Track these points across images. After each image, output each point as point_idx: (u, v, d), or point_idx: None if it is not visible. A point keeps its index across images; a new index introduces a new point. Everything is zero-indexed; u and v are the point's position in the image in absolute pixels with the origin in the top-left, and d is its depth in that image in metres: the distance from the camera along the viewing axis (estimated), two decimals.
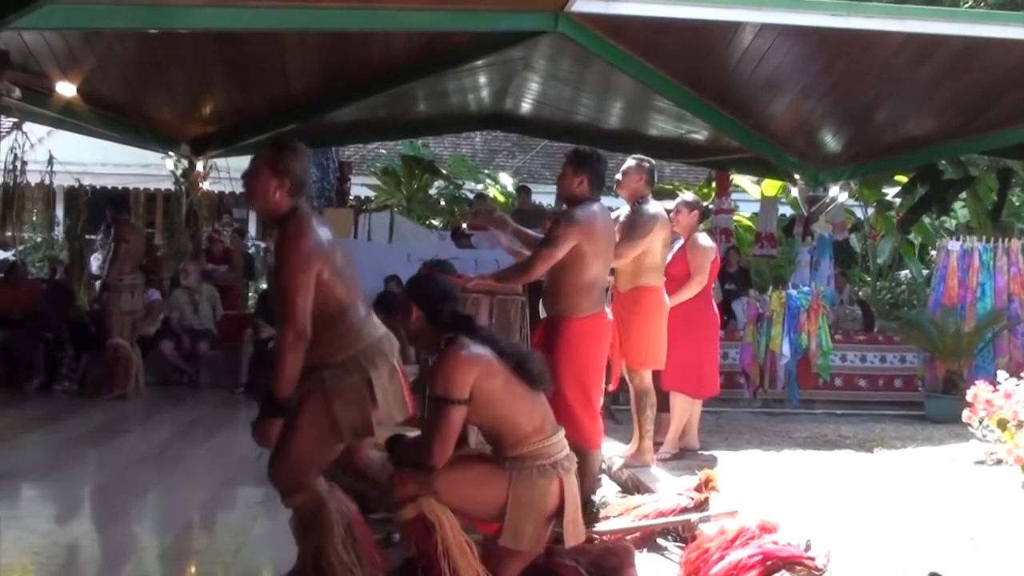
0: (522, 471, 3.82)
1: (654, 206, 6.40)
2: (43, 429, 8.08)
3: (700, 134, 12.31)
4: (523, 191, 14.85)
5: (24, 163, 10.40)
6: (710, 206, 13.59)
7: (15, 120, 7.57)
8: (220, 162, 13.26)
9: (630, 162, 6.47)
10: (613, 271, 6.15)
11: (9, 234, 12.66)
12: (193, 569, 4.70)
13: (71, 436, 7.33)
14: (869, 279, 16.39)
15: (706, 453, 6.98)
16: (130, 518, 5.47)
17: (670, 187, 16.38)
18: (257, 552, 5.02)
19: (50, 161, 8.66)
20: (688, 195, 8.19)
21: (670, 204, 7.07)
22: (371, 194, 17.92)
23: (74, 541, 5.08)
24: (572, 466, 3.96)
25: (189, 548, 5.02)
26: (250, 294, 14.57)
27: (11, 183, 10.66)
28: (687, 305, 6.71)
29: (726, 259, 11.31)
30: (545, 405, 4.01)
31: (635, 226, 6.23)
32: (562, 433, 4.00)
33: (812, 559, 3.94)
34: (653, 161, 6.57)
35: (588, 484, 5.45)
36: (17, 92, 6.90)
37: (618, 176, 6.46)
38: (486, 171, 18.96)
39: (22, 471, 6.56)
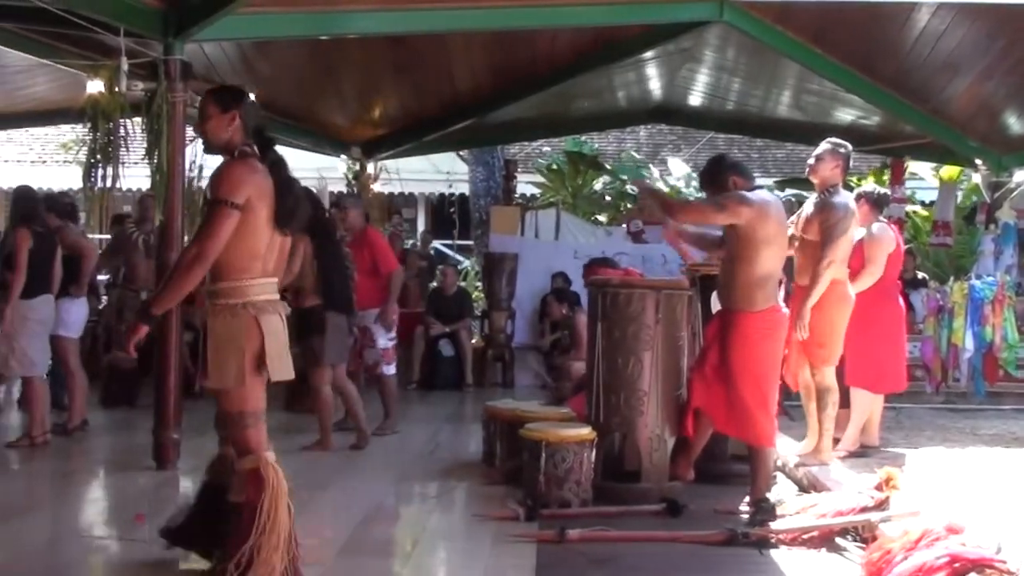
0: (215, 313, 3.80)
1: (844, 197, 6.19)
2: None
3: (871, 120, 11.91)
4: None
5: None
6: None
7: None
8: (390, 164, 13.60)
9: (824, 146, 6.26)
10: (791, 265, 6.01)
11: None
12: (372, 561, 4.82)
13: None
14: None
15: (887, 450, 6.75)
16: (311, 512, 5.65)
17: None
18: (433, 544, 5.15)
19: None
20: (868, 186, 7.94)
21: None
22: (536, 192, 18.04)
23: None
24: (275, 309, 3.88)
25: (368, 540, 5.15)
26: None
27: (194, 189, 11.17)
28: (870, 298, 6.49)
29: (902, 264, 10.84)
30: (274, 250, 3.92)
31: (832, 223, 6.01)
32: (272, 281, 3.91)
33: (1004, 562, 3.76)
34: (849, 146, 6.34)
35: (763, 482, 5.36)
36: None
37: (810, 161, 6.29)
38: (648, 166, 18.80)
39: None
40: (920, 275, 11.58)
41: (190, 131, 7.18)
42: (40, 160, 18.24)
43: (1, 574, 4.51)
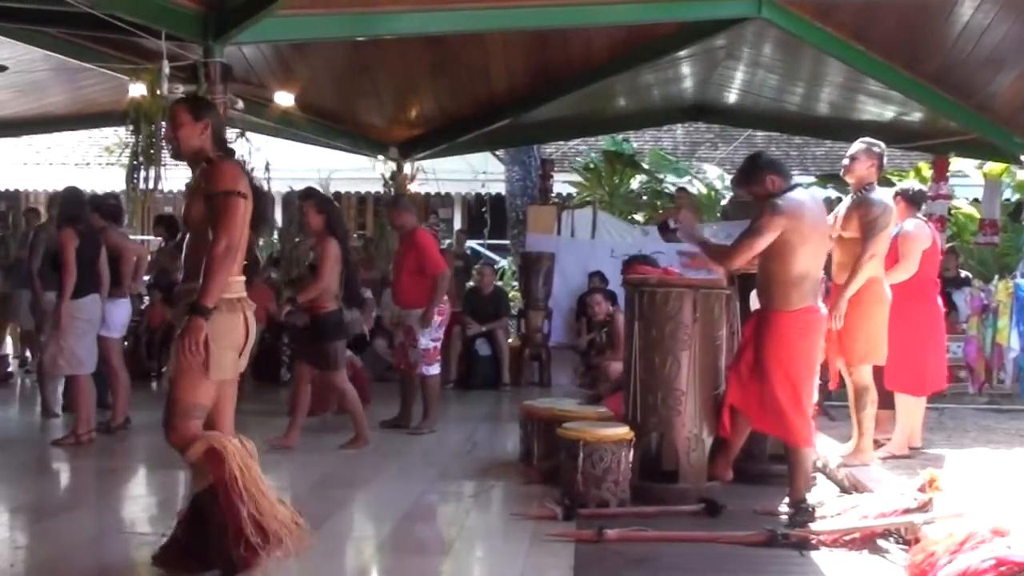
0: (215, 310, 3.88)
1: (880, 194, 6.17)
2: (262, 424, 8.49)
3: (913, 116, 11.79)
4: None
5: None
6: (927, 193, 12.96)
7: (239, 130, 8.07)
8: (426, 164, 13.64)
9: (858, 145, 6.26)
10: (828, 263, 5.96)
11: None
12: (411, 558, 4.83)
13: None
14: None
15: (929, 451, 6.67)
16: (349, 510, 5.68)
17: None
18: (471, 543, 5.14)
19: (267, 168, 9.18)
20: (904, 183, 7.86)
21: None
22: (573, 191, 18.01)
23: None
24: (251, 304, 4.06)
25: (406, 538, 5.17)
26: None
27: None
28: (906, 298, 6.42)
29: (944, 262, 10.67)
30: (244, 243, 4.05)
31: (871, 218, 6.01)
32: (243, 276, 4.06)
33: None
34: (883, 145, 6.32)
35: (801, 484, 5.31)
36: (240, 104, 7.30)
37: (845, 161, 6.28)
38: (687, 164, 18.70)
39: None
40: (964, 274, 11.42)
41: (231, 132, 7.26)
42: (84, 162, 18.49)
43: (46, 570, 4.56)
